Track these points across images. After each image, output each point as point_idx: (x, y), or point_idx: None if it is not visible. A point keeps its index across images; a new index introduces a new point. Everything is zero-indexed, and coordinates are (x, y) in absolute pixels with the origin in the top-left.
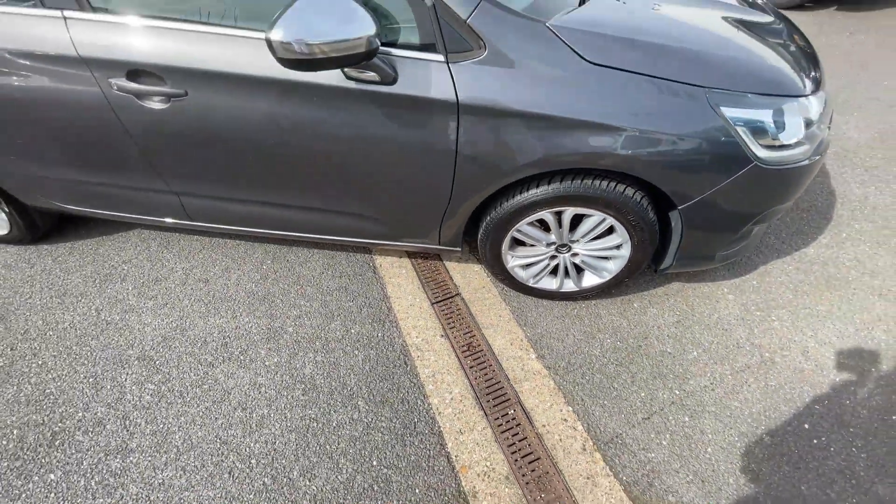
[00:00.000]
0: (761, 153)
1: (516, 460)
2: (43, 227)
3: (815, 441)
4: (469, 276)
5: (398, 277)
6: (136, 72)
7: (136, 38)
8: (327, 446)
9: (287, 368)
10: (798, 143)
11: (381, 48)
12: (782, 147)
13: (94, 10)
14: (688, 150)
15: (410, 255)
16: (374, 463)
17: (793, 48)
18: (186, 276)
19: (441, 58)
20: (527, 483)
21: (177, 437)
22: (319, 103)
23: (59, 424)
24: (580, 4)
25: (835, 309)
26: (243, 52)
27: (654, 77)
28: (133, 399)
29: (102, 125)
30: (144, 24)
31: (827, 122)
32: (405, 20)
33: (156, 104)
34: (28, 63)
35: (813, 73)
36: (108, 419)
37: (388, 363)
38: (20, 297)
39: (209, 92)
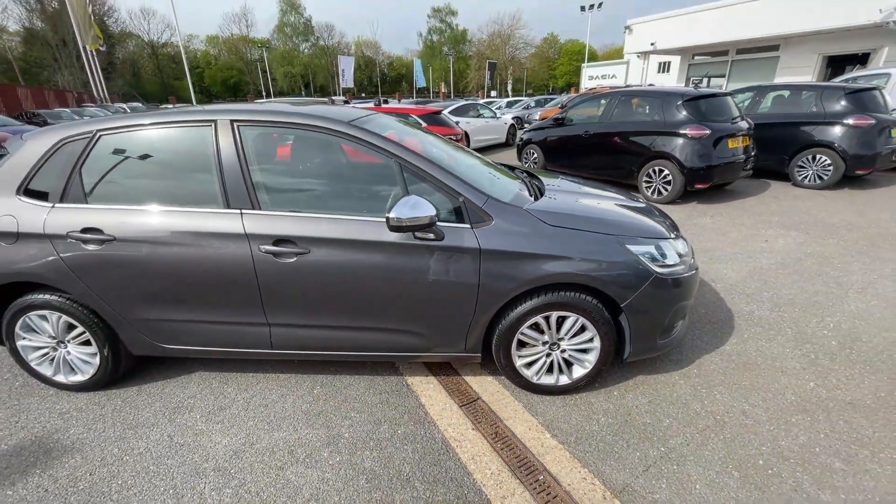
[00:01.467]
0: (658, 269)
1: None
2: (122, 369)
3: (770, 471)
4: (485, 385)
5: (428, 390)
6: (279, 240)
7: (284, 222)
8: None
9: (349, 464)
10: (677, 264)
11: (437, 222)
12: (668, 266)
13: (261, 208)
14: (618, 270)
15: (434, 372)
16: None
17: (662, 218)
18: (248, 403)
19: (468, 226)
20: None
21: None
22: (395, 252)
23: None
24: (535, 200)
25: (755, 383)
26: (345, 227)
27: (588, 231)
28: (213, 502)
29: (240, 275)
30: (290, 214)
31: (691, 254)
32: (449, 208)
33: (287, 259)
34: (202, 238)
35: (674, 231)
36: None
37: (433, 452)
38: (94, 432)
39: (323, 249)
